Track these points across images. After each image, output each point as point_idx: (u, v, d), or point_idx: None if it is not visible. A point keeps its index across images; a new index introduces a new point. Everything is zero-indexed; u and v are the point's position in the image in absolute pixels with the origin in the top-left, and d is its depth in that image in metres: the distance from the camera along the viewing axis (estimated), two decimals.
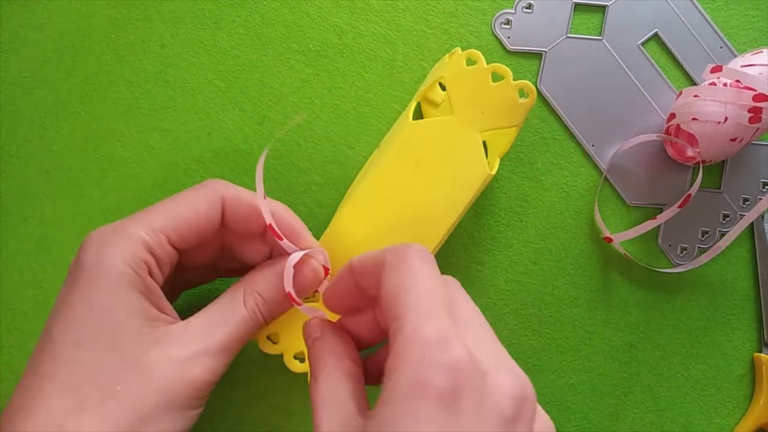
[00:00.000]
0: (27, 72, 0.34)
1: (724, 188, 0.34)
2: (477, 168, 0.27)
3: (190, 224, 0.25)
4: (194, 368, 0.23)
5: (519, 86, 0.28)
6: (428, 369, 0.17)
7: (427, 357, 0.17)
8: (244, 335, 0.25)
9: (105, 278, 0.22)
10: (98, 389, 0.21)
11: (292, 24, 0.35)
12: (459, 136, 0.28)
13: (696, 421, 0.33)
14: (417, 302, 0.18)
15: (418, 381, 0.17)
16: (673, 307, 0.34)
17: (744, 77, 0.30)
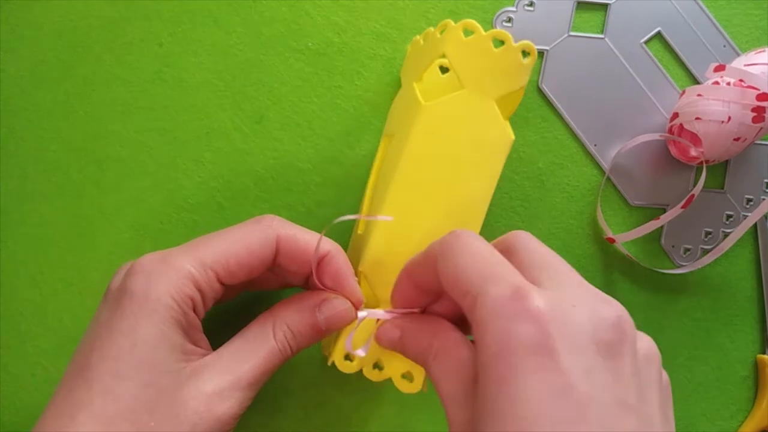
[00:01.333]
0: (25, 72, 0.34)
1: (727, 188, 0.34)
2: (501, 136, 0.27)
3: (241, 262, 0.24)
4: (225, 403, 0.23)
5: (521, 47, 0.27)
6: (510, 325, 0.17)
7: (504, 314, 0.17)
8: (272, 368, 0.25)
9: (151, 311, 0.22)
10: (132, 424, 0.21)
11: (291, 22, 0.34)
12: (476, 108, 0.27)
13: (699, 423, 0.33)
14: (478, 272, 0.19)
15: (504, 340, 0.17)
16: (676, 309, 0.33)
17: (747, 76, 0.29)
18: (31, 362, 0.33)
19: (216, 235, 0.25)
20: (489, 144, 0.27)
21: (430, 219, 0.27)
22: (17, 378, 0.32)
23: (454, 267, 0.20)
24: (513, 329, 0.17)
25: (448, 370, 0.21)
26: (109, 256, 0.33)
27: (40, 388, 0.32)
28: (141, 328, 0.22)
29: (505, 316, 0.17)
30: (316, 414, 0.33)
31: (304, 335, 0.25)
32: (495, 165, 0.27)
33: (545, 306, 0.17)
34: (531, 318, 0.17)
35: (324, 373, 0.33)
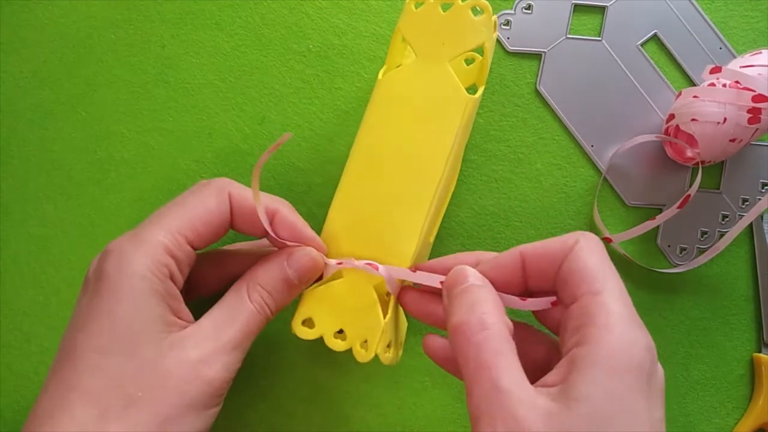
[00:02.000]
0: (27, 72, 0.35)
1: (723, 189, 0.34)
2: (456, 96, 0.27)
3: (204, 222, 0.25)
4: (210, 368, 0.23)
5: (470, 5, 0.27)
6: (640, 349, 0.20)
7: (637, 339, 0.20)
8: (253, 329, 0.25)
9: (127, 287, 0.23)
10: (120, 396, 0.22)
11: (292, 25, 0.35)
12: (429, 73, 0.28)
13: (695, 422, 0.33)
14: (616, 285, 0.21)
15: (634, 358, 0.19)
16: (673, 308, 0.34)
17: (743, 78, 0.30)
18: (34, 361, 0.33)
19: (173, 202, 0.26)
20: (441, 104, 0.27)
21: (387, 180, 0.27)
22: (20, 376, 0.33)
23: (595, 263, 0.22)
24: (640, 357, 0.20)
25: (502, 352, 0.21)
26: None
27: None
28: (119, 304, 0.23)
29: (636, 341, 0.20)
30: (316, 411, 0.33)
31: (279, 291, 0.26)
32: (448, 124, 0.27)
33: (653, 345, 0.21)
34: (652, 355, 0.20)
35: (324, 371, 0.33)
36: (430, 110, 0.27)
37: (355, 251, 0.27)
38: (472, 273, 0.23)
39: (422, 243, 0.27)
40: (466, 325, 0.21)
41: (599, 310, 0.20)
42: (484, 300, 0.22)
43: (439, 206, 0.29)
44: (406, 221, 0.27)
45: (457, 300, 0.22)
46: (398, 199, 0.27)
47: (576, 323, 0.21)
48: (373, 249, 0.27)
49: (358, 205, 0.27)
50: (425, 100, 0.27)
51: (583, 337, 0.20)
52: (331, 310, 0.27)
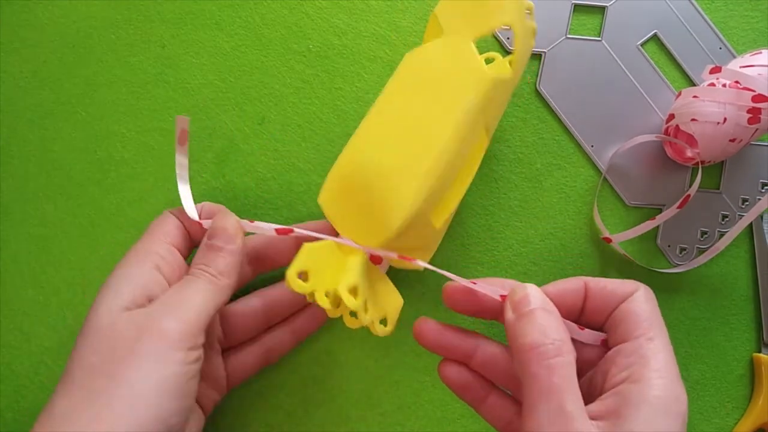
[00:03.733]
0: (27, 72, 0.35)
1: (723, 189, 0.34)
2: (473, 70, 0.26)
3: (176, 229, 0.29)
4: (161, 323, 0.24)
5: None
6: (682, 398, 0.22)
7: (680, 394, 0.22)
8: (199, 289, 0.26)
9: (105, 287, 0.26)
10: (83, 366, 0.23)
11: (292, 25, 0.35)
12: (451, 48, 0.27)
13: (695, 422, 0.34)
14: (665, 335, 0.24)
15: (680, 405, 0.21)
16: (672, 308, 0.34)
17: (743, 78, 0.30)
18: (34, 361, 0.33)
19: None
20: (457, 77, 0.27)
21: (389, 147, 0.26)
22: (20, 376, 0.33)
23: (649, 311, 0.24)
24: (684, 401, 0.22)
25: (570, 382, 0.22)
26: (110, 255, 0.33)
27: (43, 386, 0.33)
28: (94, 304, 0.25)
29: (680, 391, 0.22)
30: (316, 411, 0.33)
31: (212, 259, 0.27)
32: (461, 96, 0.26)
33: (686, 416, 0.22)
34: (687, 400, 0.22)
35: (324, 371, 0.33)
36: (446, 83, 0.27)
37: (345, 215, 0.27)
38: (541, 296, 0.24)
39: (417, 219, 0.26)
40: (542, 347, 0.22)
41: (653, 354, 0.22)
42: (558, 326, 0.23)
43: (445, 186, 0.27)
44: (399, 189, 0.25)
45: (529, 321, 0.23)
46: (395, 165, 0.26)
47: (627, 361, 0.22)
48: (362, 215, 0.26)
49: (356, 172, 0.27)
50: (442, 73, 0.27)
51: (635, 376, 0.22)
52: (326, 265, 0.26)
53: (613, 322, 0.24)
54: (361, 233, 0.26)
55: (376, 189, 0.26)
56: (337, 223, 0.27)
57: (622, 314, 0.24)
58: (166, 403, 0.23)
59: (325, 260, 0.26)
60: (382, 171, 0.26)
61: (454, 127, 0.26)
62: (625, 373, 0.22)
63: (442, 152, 0.26)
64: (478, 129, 0.28)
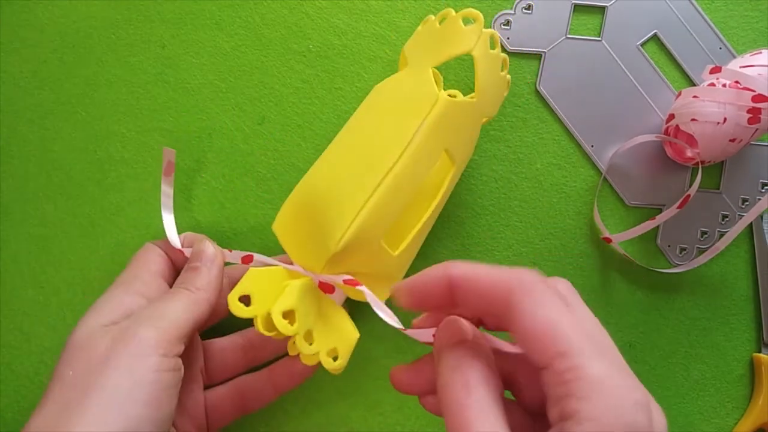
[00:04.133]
0: (27, 72, 0.35)
1: (723, 189, 0.34)
2: (426, 92, 0.26)
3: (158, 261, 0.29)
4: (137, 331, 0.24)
5: (460, 15, 0.27)
6: (633, 412, 0.18)
7: (626, 400, 0.18)
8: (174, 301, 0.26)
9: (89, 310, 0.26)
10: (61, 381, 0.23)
11: (292, 25, 0.35)
12: (411, 77, 0.28)
13: (695, 422, 0.34)
14: (585, 337, 0.18)
15: (628, 424, 0.17)
16: (673, 308, 0.34)
17: (743, 78, 0.30)
18: (34, 360, 0.33)
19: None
20: (412, 101, 0.26)
21: (341, 168, 0.26)
22: (20, 376, 0.33)
23: (549, 320, 0.19)
24: (633, 418, 0.17)
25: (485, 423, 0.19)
26: (110, 255, 0.33)
27: (43, 386, 0.32)
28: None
29: (623, 402, 0.18)
30: (315, 412, 0.33)
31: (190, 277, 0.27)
32: (413, 116, 0.26)
33: (648, 401, 0.18)
34: (645, 412, 0.18)
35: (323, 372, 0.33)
36: (400, 109, 0.27)
37: (296, 241, 0.27)
38: (460, 327, 0.22)
39: (362, 240, 0.25)
40: (450, 386, 0.20)
41: (573, 376, 0.18)
42: (470, 358, 0.20)
43: (394, 209, 0.26)
44: (341, 208, 0.25)
45: (444, 358, 0.21)
46: (341, 185, 0.25)
47: (554, 391, 0.18)
48: (310, 238, 0.26)
49: (306, 197, 0.27)
50: (397, 98, 0.27)
51: (565, 411, 0.18)
52: (271, 291, 0.25)
53: (520, 341, 0.19)
54: (309, 258, 0.26)
55: (321, 211, 0.26)
56: (288, 249, 0.27)
57: (519, 332, 0.19)
58: (138, 411, 0.23)
59: (270, 286, 0.25)
60: (328, 193, 0.26)
61: (401, 147, 0.25)
62: (557, 408, 0.18)
63: (386, 171, 0.25)
64: (435, 152, 0.26)
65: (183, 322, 0.25)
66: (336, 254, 0.25)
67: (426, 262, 0.33)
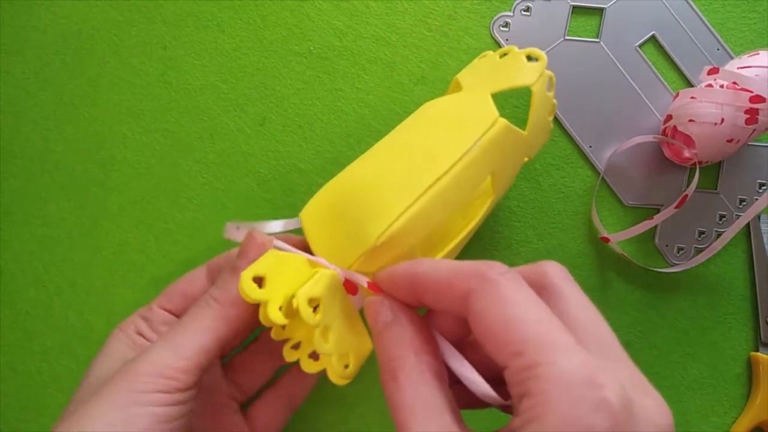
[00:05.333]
0: (30, 74, 0.35)
1: (720, 189, 0.34)
2: (484, 112, 0.26)
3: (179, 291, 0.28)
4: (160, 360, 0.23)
5: (524, 53, 0.28)
6: (587, 413, 0.16)
7: (581, 400, 0.16)
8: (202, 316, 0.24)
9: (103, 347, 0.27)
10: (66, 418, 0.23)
11: (293, 26, 0.35)
12: (468, 98, 0.28)
13: (693, 420, 0.34)
14: (537, 333, 0.17)
15: (580, 426, 0.16)
16: (670, 307, 0.34)
17: (741, 79, 0.30)
18: (36, 360, 0.33)
19: None
20: (469, 118, 0.26)
21: (385, 168, 0.26)
22: (23, 375, 0.33)
23: (504, 317, 0.17)
24: (589, 420, 0.16)
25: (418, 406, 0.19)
26: (113, 255, 0.34)
27: (46, 385, 0.33)
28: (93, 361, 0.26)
29: (583, 402, 0.16)
30: (315, 413, 0.33)
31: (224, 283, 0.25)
32: (468, 132, 0.26)
33: (620, 399, 0.16)
34: (608, 411, 0.16)
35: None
36: (456, 124, 0.26)
37: (325, 232, 0.25)
38: (380, 308, 0.21)
39: (400, 242, 0.24)
40: (383, 373, 0.19)
41: (527, 375, 0.17)
42: (393, 345, 0.20)
43: (436, 221, 0.25)
44: (384, 205, 0.24)
45: (377, 343, 0.20)
46: (386, 185, 0.25)
47: (514, 390, 0.17)
48: (344, 230, 0.25)
49: (345, 185, 0.26)
50: (455, 116, 0.27)
51: (520, 411, 0.17)
52: (287, 277, 0.23)
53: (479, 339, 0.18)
54: (338, 251, 0.25)
55: (362, 204, 0.25)
56: (313, 239, 0.26)
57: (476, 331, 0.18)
58: None
59: (289, 272, 0.23)
60: (373, 188, 0.25)
61: (455, 157, 0.25)
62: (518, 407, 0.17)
63: (439, 176, 0.25)
64: (483, 172, 0.26)
65: (197, 350, 0.23)
66: (376, 248, 0.24)
67: None
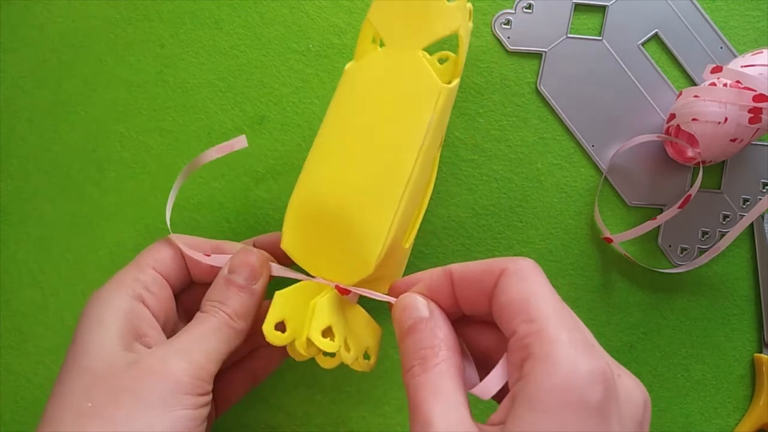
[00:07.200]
0: (26, 72, 0.34)
1: (724, 188, 0.34)
2: (428, 85, 0.25)
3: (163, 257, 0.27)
4: (169, 362, 0.23)
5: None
6: (586, 377, 0.17)
7: (582, 364, 0.18)
8: (212, 330, 0.24)
9: (88, 313, 0.24)
10: (72, 410, 0.22)
11: (291, 24, 0.35)
12: (399, 61, 0.26)
13: (696, 422, 0.34)
14: (553, 310, 0.19)
15: (575, 391, 0.17)
16: (674, 308, 0.34)
17: (744, 77, 0.30)
18: (32, 361, 0.33)
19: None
20: (413, 94, 0.25)
21: (351, 175, 0.25)
22: (19, 377, 0.33)
23: (525, 291, 0.20)
24: (586, 387, 0.17)
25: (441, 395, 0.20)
26: (110, 255, 0.33)
27: (42, 386, 0.33)
28: (79, 330, 0.24)
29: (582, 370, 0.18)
30: (316, 413, 0.33)
31: (229, 296, 0.25)
32: (420, 114, 0.25)
33: (610, 372, 0.18)
34: (603, 380, 0.18)
35: (323, 372, 0.33)
36: (401, 100, 0.25)
37: (314, 254, 0.25)
38: (417, 304, 0.22)
39: (390, 248, 0.25)
40: (408, 366, 0.21)
41: (535, 339, 0.18)
42: (428, 336, 0.21)
43: (412, 208, 0.26)
44: (371, 222, 0.24)
45: (411, 334, 0.22)
46: (362, 196, 0.25)
47: (516, 357, 0.19)
48: (334, 252, 0.25)
49: (317, 207, 0.25)
50: (395, 89, 0.25)
51: (522, 373, 0.18)
52: (303, 310, 0.25)
53: (497, 317, 0.21)
54: (333, 270, 0.25)
55: (345, 224, 0.25)
56: (306, 265, 0.26)
57: (499, 307, 0.20)
58: None
59: (300, 304, 0.25)
60: (349, 204, 0.25)
61: (416, 148, 0.25)
62: (517, 372, 0.19)
63: (407, 179, 0.25)
64: (436, 144, 0.27)
65: (217, 357, 0.24)
66: (375, 269, 0.25)
67: (426, 261, 0.33)
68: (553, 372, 0.17)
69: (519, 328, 0.19)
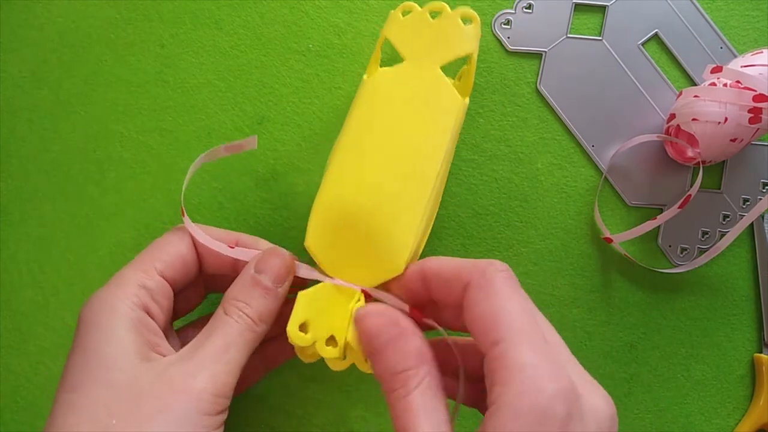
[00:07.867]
0: (26, 72, 0.34)
1: (724, 188, 0.34)
2: (449, 99, 0.27)
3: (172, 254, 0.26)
4: (193, 379, 0.22)
5: (458, 14, 0.28)
6: (549, 399, 0.18)
7: (545, 387, 0.18)
8: (235, 338, 0.24)
9: (97, 321, 0.23)
10: (93, 424, 0.21)
11: (291, 24, 0.35)
12: (419, 75, 0.27)
13: (696, 422, 0.33)
14: (519, 328, 0.19)
15: (541, 410, 0.18)
16: (673, 308, 0.34)
17: (744, 77, 0.30)
18: (33, 361, 0.33)
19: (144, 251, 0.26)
20: (434, 106, 0.27)
21: (376, 182, 0.26)
22: (19, 377, 0.33)
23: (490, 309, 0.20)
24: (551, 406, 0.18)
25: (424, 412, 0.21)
26: (110, 255, 0.33)
27: (42, 386, 0.33)
28: (89, 338, 0.23)
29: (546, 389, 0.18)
30: (316, 412, 0.33)
31: (255, 297, 0.25)
32: (442, 126, 0.27)
33: (573, 390, 0.19)
34: (566, 398, 0.18)
35: (324, 371, 0.33)
36: (424, 111, 0.27)
37: (342, 258, 0.26)
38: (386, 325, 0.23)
39: (415, 252, 0.26)
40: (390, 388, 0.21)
41: (500, 365, 0.19)
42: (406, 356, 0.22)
43: (431, 213, 0.28)
44: (398, 227, 0.25)
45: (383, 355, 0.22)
46: (389, 203, 0.26)
47: (488, 380, 0.20)
48: (359, 254, 0.26)
49: (344, 209, 0.26)
50: (418, 101, 0.27)
51: (492, 398, 0.19)
52: (324, 312, 0.25)
53: (467, 326, 0.21)
54: (357, 273, 0.26)
55: (374, 227, 0.26)
56: (328, 266, 0.26)
57: (468, 318, 0.21)
58: None
59: (322, 306, 0.25)
60: (378, 208, 0.26)
61: (440, 158, 0.26)
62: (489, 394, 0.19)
63: (432, 185, 0.26)
64: (451, 155, 0.28)
65: (238, 366, 0.24)
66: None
67: None
68: (518, 396, 0.18)
69: (488, 352, 0.20)
